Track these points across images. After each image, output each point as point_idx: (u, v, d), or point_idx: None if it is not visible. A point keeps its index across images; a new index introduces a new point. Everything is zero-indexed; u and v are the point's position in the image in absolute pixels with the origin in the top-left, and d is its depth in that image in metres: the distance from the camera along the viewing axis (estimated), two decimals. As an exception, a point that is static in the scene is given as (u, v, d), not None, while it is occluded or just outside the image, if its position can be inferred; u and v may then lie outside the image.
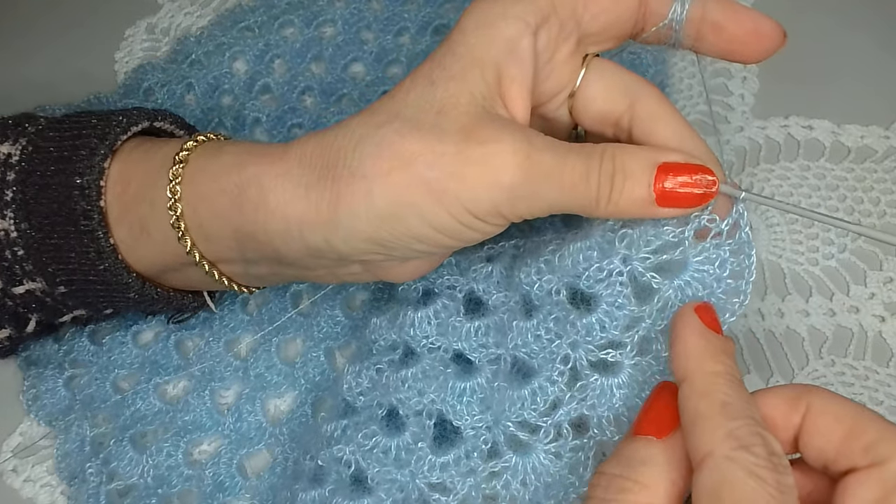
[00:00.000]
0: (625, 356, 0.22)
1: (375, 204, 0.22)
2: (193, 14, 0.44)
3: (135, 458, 0.29)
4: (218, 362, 0.31)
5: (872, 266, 0.33)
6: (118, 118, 0.27)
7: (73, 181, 0.25)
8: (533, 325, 0.24)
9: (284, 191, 0.23)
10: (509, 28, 0.23)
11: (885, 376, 0.30)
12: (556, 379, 0.23)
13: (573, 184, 0.22)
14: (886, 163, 0.35)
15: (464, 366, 0.25)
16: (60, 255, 0.26)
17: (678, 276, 0.22)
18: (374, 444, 0.24)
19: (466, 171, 0.21)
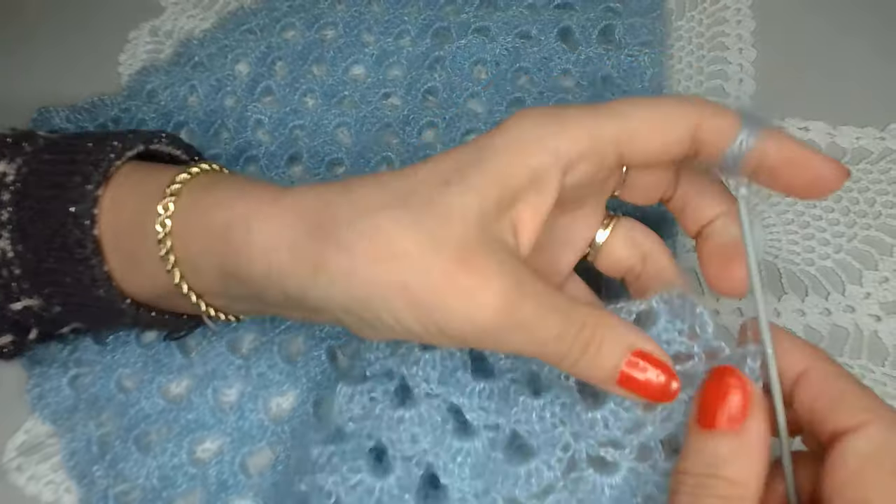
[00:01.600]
0: (623, 457, 0.22)
1: (352, 284, 0.22)
2: (196, 17, 0.45)
3: (140, 458, 0.29)
4: (220, 361, 0.31)
5: (868, 266, 0.33)
6: (113, 143, 0.26)
7: (66, 209, 0.25)
8: (539, 406, 0.23)
9: (270, 237, 0.23)
10: (540, 159, 0.22)
11: (881, 375, 0.30)
12: (554, 465, 0.23)
13: (545, 340, 0.21)
14: (882, 164, 0.35)
15: (460, 423, 0.25)
16: (55, 279, 0.26)
17: (685, 391, 0.22)
18: (358, 481, 0.24)
19: (448, 294, 0.21)
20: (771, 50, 0.40)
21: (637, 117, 0.23)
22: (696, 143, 0.23)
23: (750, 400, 0.20)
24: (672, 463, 0.22)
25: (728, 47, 0.40)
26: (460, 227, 0.21)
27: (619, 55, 0.38)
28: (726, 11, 0.41)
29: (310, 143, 0.38)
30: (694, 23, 0.41)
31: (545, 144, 0.22)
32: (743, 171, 0.23)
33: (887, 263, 0.33)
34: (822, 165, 0.23)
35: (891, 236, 0.34)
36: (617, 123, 0.23)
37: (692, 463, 0.20)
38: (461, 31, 0.41)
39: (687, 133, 0.23)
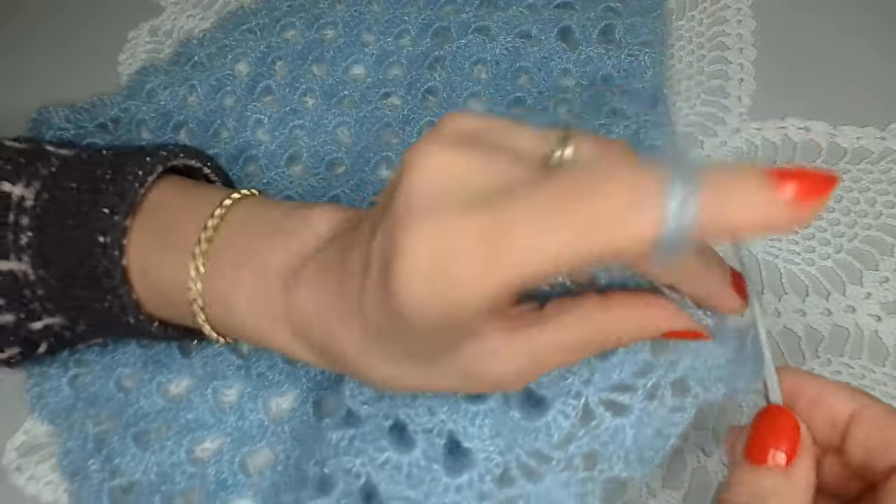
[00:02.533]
0: (634, 399, 0.23)
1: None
2: (196, 16, 0.45)
3: (138, 454, 0.29)
4: (220, 361, 0.31)
5: (869, 266, 0.33)
6: (134, 171, 0.26)
7: (94, 238, 0.25)
8: None
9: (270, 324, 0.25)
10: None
11: (882, 375, 0.30)
12: (570, 413, 0.23)
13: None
14: (882, 164, 0.35)
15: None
16: (82, 304, 0.26)
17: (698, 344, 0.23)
18: (385, 459, 0.24)
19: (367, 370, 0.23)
20: (771, 50, 0.40)
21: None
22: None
23: (801, 442, 0.21)
24: (678, 400, 0.23)
25: (728, 47, 0.40)
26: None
27: (620, 55, 0.38)
28: (727, 11, 0.41)
29: (310, 143, 0.38)
30: (694, 22, 0.41)
31: None
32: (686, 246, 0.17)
33: (888, 263, 0.33)
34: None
35: (891, 236, 0.33)
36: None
37: (740, 493, 0.20)
38: (461, 31, 0.41)
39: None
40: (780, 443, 0.21)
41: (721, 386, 0.23)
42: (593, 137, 0.20)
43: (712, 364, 0.23)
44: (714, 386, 0.23)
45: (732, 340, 0.23)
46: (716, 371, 0.23)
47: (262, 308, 0.24)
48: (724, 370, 0.23)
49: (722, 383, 0.23)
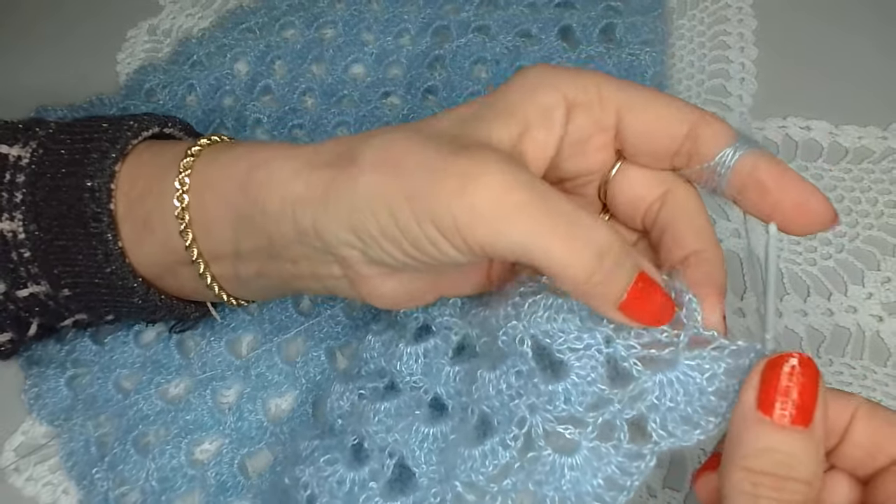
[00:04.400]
0: (584, 436, 0.20)
1: (357, 192, 0.22)
2: (195, 15, 0.45)
3: (139, 460, 0.29)
4: (219, 362, 0.31)
5: (870, 266, 0.33)
6: (129, 123, 0.27)
7: (83, 184, 0.25)
8: (495, 377, 0.22)
9: (290, 171, 0.23)
10: (547, 96, 0.23)
11: (883, 376, 0.30)
12: (509, 443, 0.21)
13: (549, 233, 0.20)
14: (884, 163, 0.35)
15: (439, 410, 0.24)
16: (67, 256, 0.26)
17: (663, 372, 0.20)
18: (331, 472, 0.24)
19: (440, 178, 0.21)
20: (772, 49, 0.39)
21: (642, 96, 0.24)
22: (691, 141, 0.23)
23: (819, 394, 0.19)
24: (636, 447, 0.20)
25: (730, 46, 0.40)
26: (467, 139, 0.22)
27: (620, 54, 0.38)
28: (728, 10, 0.41)
29: (309, 143, 0.38)
30: (695, 21, 0.41)
31: (556, 86, 0.23)
32: (731, 182, 0.22)
33: (889, 263, 0.33)
34: (811, 193, 0.22)
35: (893, 236, 0.33)
36: (624, 92, 0.23)
37: (764, 463, 0.18)
38: (461, 30, 0.41)
39: (684, 127, 0.23)
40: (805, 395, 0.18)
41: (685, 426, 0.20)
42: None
43: (677, 400, 0.20)
44: (678, 429, 0.20)
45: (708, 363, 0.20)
46: (680, 409, 0.20)
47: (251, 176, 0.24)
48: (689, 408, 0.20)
49: (687, 423, 0.20)
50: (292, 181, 0.23)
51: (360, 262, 0.23)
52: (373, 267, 0.23)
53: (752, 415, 0.19)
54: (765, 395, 0.19)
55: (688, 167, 0.24)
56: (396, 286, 0.24)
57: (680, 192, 0.24)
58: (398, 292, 0.24)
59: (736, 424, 0.19)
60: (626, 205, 0.25)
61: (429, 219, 0.21)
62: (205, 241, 0.26)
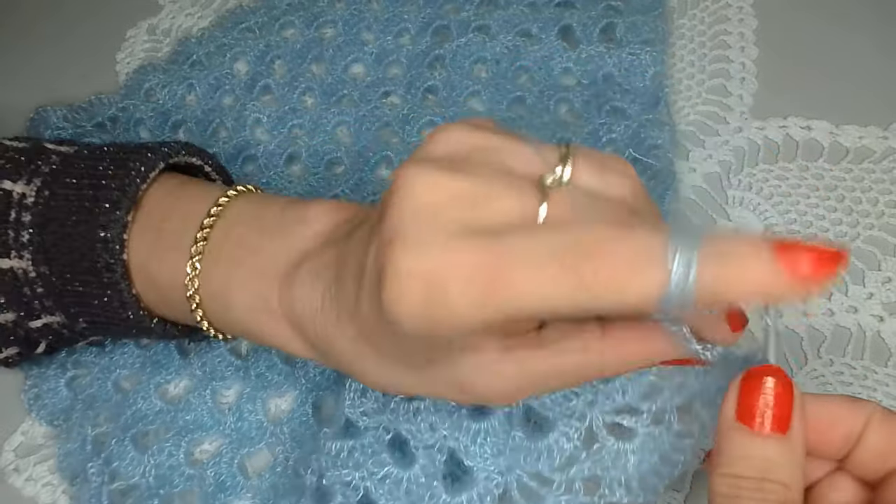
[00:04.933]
0: (640, 423, 0.23)
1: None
2: (194, 15, 0.45)
3: (136, 457, 0.29)
4: (219, 362, 0.31)
5: (871, 266, 0.33)
6: (136, 166, 0.26)
7: (96, 235, 0.25)
8: None
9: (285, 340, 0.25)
10: None
11: (884, 376, 0.30)
12: (572, 436, 0.23)
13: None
14: (884, 163, 0.35)
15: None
16: (83, 300, 0.26)
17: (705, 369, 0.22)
18: (385, 473, 0.24)
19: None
20: (773, 48, 0.39)
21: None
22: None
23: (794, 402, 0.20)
24: (684, 426, 0.22)
25: (730, 46, 0.40)
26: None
27: (621, 53, 0.38)
28: (728, 10, 0.41)
29: (309, 142, 0.38)
30: (696, 21, 0.41)
31: None
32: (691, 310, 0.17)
33: (890, 263, 0.33)
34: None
35: (894, 236, 0.33)
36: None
37: (742, 468, 0.19)
38: (461, 30, 0.40)
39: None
40: (780, 405, 0.19)
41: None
42: (591, 158, 0.19)
43: (720, 386, 0.22)
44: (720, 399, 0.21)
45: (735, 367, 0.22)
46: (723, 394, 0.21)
47: (259, 305, 0.24)
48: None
49: None
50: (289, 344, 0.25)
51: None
52: None
53: (732, 425, 0.20)
54: (742, 406, 0.20)
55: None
56: None
57: None
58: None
59: (718, 433, 0.20)
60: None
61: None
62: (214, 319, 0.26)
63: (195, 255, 0.25)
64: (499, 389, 0.21)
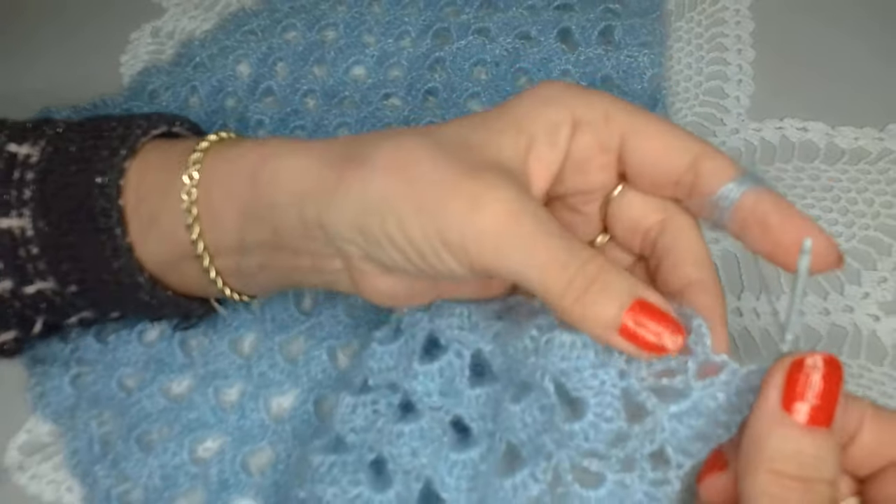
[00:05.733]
0: (608, 468, 0.21)
1: (366, 192, 0.22)
2: (198, 18, 0.45)
3: (142, 458, 0.29)
4: (221, 360, 0.31)
5: (867, 265, 0.33)
6: (139, 121, 0.27)
7: (93, 180, 0.26)
8: (520, 410, 0.22)
9: (299, 167, 0.24)
10: (557, 113, 0.24)
11: (880, 375, 0.30)
12: (539, 477, 0.22)
13: (546, 265, 0.21)
14: (880, 164, 0.35)
15: (461, 433, 0.25)
16: (75, 252, 0.26)
17: (676, 403, 0.21)
18: (357, 494, 0.24)
19: (452, 197, 0.22)
20: (770, 51, 0.40)
21: (648, 123, 0.24)
22: (693, 173, 0.23)
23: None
24: (660, 473, 0.21)
25: (727, 48, 0.40)
26: (477, 153, 0.23)
27: (619, 56, 0.38)
28: (725, 12, 0.42)
29: (311, 143, 0.38)
30: (693, 24, 0.42)
31: (564, 103, 0.24)
32: (733, 217, 0.22)
33: (886, 263, 0.33)
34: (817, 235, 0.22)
35: (889, 236, 0.34)
36: (631, 116, 0.24)
37: (791, 465, 0.18)
38: (461, 32, 0.41)
39: (686, 158, 0.23)
40: (827, 396, 0.18)
41: (700, 444, 0.20)
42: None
43: (692, 423, 0.20)
44: (694, 446, 0.21)
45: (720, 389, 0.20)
46: (695, 430, 0.20)
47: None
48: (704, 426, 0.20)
49: (701, 440, 0.20)
50: (302, 176, 0.24)
51: (361, 258, 0.24)
52: (373, 265, 0.24)
53: (777, 415, 0.19)
54: (789, 394, 0.19)
55: (688, 199, 0.24)
56: (395, 284, 0.24)
57: (680, 219, 0.25)
58: (397, 290, 0.25)
59: (758, 425, 0.19)
60: (625, 227, 0.26)
61: (436, 234, 0.22)
62: (211, 234, 0.26)
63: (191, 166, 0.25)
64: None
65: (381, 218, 0.22)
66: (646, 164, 0.24)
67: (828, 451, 0.18)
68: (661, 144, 0.23)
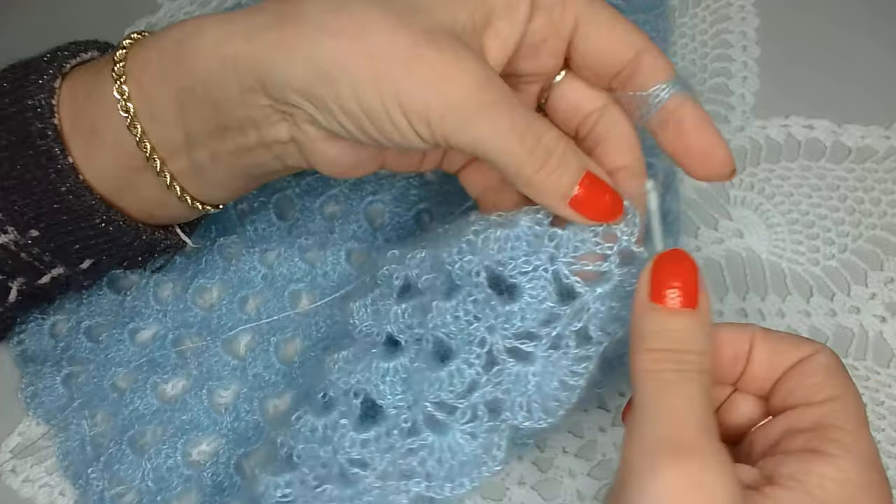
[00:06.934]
0: (538, 348, 0.23)
1: (315, 57, 0.22)
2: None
3: (135, 460, 0.29)
4: (215, 362, 0.31)
5: (873, 266, 0.33)
6: (67, 45, 0.27)
7: (25, 103, 0.25)
8: (452, 306, 0.24)
9: (224, 32, 0.23)
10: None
11: (886, 377, 0.30)
12: (473, 361, 0.23)
13: (507, 133, 0.22)
14: (887, 163, 0.35)
15: (391, 347, 0.26)
16: (24, 186, 0.26)
17: (600, 285, 0.23)
18: (301, 423, 0.25)
19: (415, 65, 0.21)
20: (775, 47, 0.39)
21: (603, 13, 0.24)
22: (633, 66, 0.24)
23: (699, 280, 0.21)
24: (582, 351, 0.23)
25: (732, 44, 0.40)
26: (431, 20, 0.22)
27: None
28: (730, 8, 0.41)
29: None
30: (697, 20, 0.41)
31: None
32: (657, 115, 0.24)
33: (893, 264, 0.32)
34: (719, 145, 0.24)
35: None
36: (587, 4, 0.24)
37: (661, 341, 0.21)
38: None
39: (630, 51, 0.24)
40: (687, 283, 0.21)
41: (618, 325, 0.23)
42: None
43: (612, 305, 0.23)
44: (611, 326, 0.23)
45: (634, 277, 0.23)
46: (614, 311, 0.23)
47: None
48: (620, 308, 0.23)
49: (617, 321, 0.23)
50: (230, 40, 0.23)
51: (307, 122, 0.23)
52: (319, 130, 0.24)
53: (647, 306, 0.21)
54: (655, 287, 0.21)
55: (623, 90, 0.25)
56: (342, 152, 0.24)
57: (617, 109, 0.26)
58: (344, 158, 0.25)
59: (635, 317, 0.21)
60: (565, 111, 0.26)
61: (397, 103, 0.22)
62: (154, 129, 0.25)
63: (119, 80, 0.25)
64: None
65: (333, 85, 0.22)
66: (593, 53, 0.24)
67: (693, 327, 0.21)
68: (611, 35, 0.24)
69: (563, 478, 0.29)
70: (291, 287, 0.32)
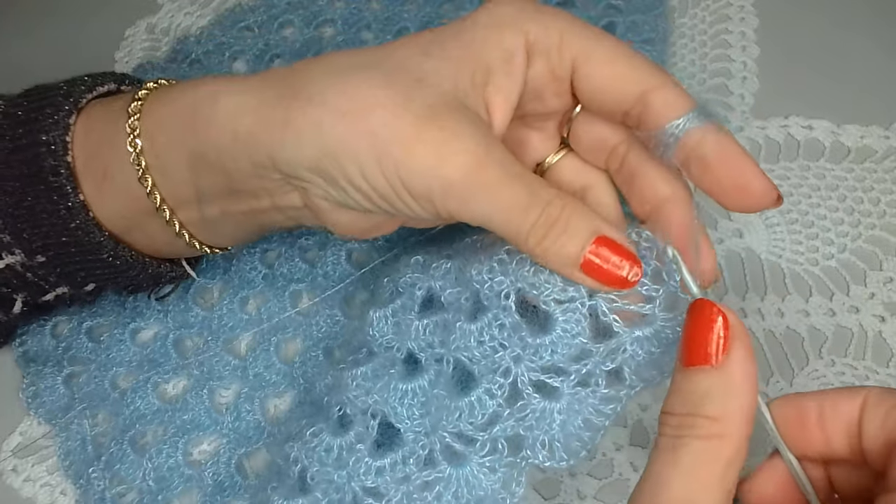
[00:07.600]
0: (566, 384, 0.22)
1: (321, 136, 0.22)
2: (193, 14, 0.44)
3: (136, 460, 0.29)
4: (217, 361, 0.31)
5: (872, 266, 0.33)
6: (83, 79, 0.27)
7: (39, 139, 0.25)
8: (476, 329, 0.23)
9: (236, 104, 0.23)
10: (512, 38, 0.23)
11: (885, 376, 0.30)
12: (496, 392, 0.22)
13: (510, 208, 0.21)
14: (886, 163, 0.35)
15: (412, 366, 0.25)
16: (33, 217, 0.26)
17: (640, 328, 0.22)
18: (318, 442, 0.24)
19: (415, 147, 0.22)
20: (774, 48, 0.39)
21: (602, 49, 0.23)
22: (642, 105, 0.23)
23: (731, 334, 0.19)
24: (612, 391, 0.22)
25: (731, 45, 0.40)
26: (433, 90, 0.22)
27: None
28: (729, 9, 0.41)
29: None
30: (697, 20, 0.41)
31: (519, 26, 0.23)
32: (676, 154, 0.23)
33: (892, 263, 0.32)
34: (753, 174, 0.22)
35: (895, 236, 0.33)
36: (585, 41, 0.23)
37: (674, 402, 0.19)
38: (461, 29, 0.40)
39: (636, 90, 0.23)
40: (707, 337, 0.19)
41: (654, 370, 0.22)
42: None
43: (651, 350, 0.22)
44: (648, 372, 0.22)
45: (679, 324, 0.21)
46: (653, 357, 0.22)
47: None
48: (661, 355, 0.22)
49: (656, 368, 0.22)
50: (242, 113, 0.23)
51: (319, 197, 0.24)
52: (331, 203, 0.24)
53: (677, 365, 0.20)
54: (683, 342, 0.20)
55: (637, 130, 0.24)
56: (356, 218, 0.25)
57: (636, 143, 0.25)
58: (358, 223, 0.25)
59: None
60: (589, 144, 0.26)
61: (399, 179, 0.22)
62: (165, 184, 0.25)
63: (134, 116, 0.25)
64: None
65: (340, 164, 0.22)
66: (595, 94, 0.24)
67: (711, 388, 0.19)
68: (611, 74, 0.23)
69: (563, 477, 0.29)
70: (292, 287, 0.32)
